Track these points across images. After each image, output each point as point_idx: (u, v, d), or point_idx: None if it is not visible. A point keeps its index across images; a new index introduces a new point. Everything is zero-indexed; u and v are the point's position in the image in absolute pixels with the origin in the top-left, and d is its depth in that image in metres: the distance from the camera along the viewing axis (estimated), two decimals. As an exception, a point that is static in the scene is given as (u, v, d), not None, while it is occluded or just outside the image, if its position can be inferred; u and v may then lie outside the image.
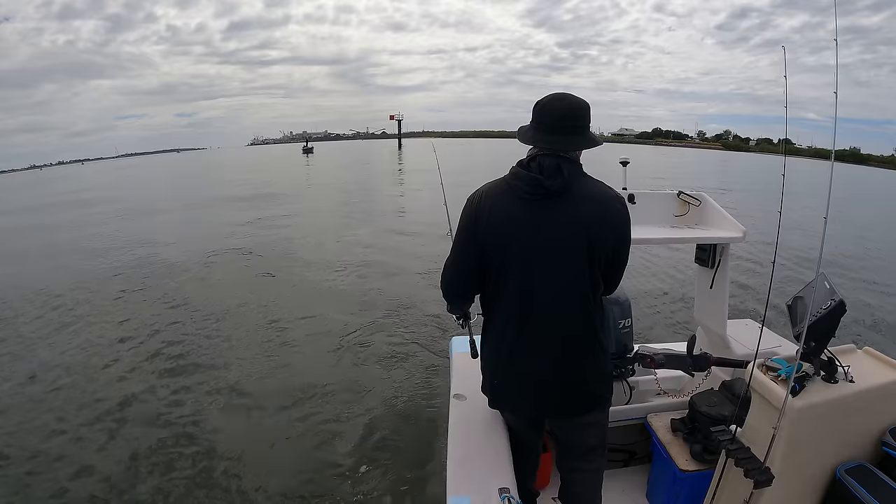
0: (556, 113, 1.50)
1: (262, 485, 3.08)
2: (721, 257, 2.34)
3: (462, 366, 2.33)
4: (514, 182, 1.51)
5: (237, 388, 4.31)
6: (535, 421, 1.83)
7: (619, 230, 1.52)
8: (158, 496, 3.01)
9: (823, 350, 1.52)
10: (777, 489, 1.43)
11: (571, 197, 1.47)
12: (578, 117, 1.51)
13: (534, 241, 1.49)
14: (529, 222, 1.48)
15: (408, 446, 3.43)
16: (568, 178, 1.46)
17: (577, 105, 1.51)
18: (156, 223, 13.58)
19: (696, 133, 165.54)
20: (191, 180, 32.29)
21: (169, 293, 7.00)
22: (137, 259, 9.21)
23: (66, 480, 3.14)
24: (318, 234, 11.38)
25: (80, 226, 13.87)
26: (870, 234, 12.46)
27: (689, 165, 42.43)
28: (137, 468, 3.25)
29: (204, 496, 3.01)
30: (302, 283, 7.41)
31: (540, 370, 1.58)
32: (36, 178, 57.09)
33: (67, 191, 28.28)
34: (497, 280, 1.57)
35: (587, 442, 1.78)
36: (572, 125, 1.50)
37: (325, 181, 25.83)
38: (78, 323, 6.02)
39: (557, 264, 1.50)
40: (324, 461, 3.31)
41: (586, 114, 1.53)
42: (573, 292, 1.51)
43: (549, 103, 1.52)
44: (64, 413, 3.94)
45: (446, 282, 1.70)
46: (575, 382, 1.60)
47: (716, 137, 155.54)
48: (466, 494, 1.53)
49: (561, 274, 1.50)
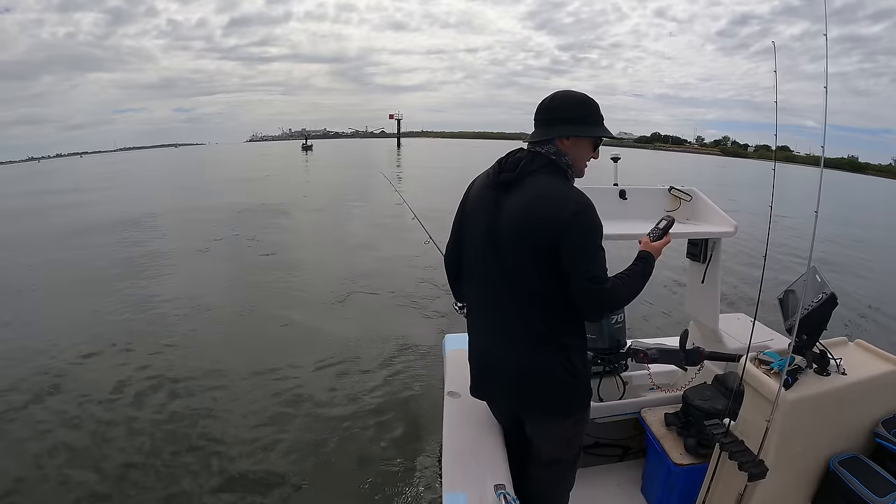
0: (539, 106, 1.53)
1: (256, 483, 3.06)
2: (712, 252, 2.35)
3: (455, 363, 2.33)
4: (489, 170, 1.58)
5: (223, 381, 4.29)
6: (507, 415, 1.79)
7: (552, 231, 1.38)
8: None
9: (815, 343, 1.53)
10: (771, 481, 1.44)
11: (519, 190, 1.47)
12: (552, 108, 1.50)
13: (486, 229, 1.52)
14: (487, 210, 1.52)
15: (402, 444, 3.42)
16: (520, 171, 1.47)
17: (559, 97, 1.50)
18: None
19: (695, 138, 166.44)
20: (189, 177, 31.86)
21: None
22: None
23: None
24: (313, 234, 11.35)
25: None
26: (864, 234, 12.63)
27: (688, 172, 41.69)
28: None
29: (200, 492, 3.00)
30: (287, 283, 7.37)
31: (489, 363, 1.64)
32: (35, 170, 55.65)
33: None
34: (465, 263, 1.66)
35: (544, 451, 1.70)
36: (544, 117, 1.50)
37: (326, 182, 25.37)
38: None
39: (495, 256, 1.51)
40: (318, 459, 3.29)
41: (563, 105, 1.50)
42: (508, 286, 1.50)
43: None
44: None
45: (445, 262, 1.78)
46: (523, 384, 1.56)
47: (714, 143, 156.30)
48: (462, 491, 1.53)
49: (497, 266, 1.51)
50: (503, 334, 1.56)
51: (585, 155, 1.54)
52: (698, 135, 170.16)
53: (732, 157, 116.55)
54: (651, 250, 1.60)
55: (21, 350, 5.01)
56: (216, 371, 4.56)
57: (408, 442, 3.45)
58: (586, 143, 1.52)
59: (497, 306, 1.56)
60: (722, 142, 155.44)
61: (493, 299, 1.57)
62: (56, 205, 17.16)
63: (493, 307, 1.58)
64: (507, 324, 1.54)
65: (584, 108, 1.49)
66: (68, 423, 3.68)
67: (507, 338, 1.55)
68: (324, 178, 27.59)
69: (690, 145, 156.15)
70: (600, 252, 1.43)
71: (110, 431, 3.58)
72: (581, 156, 1.53)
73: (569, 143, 1.49)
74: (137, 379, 4.36)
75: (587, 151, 1.54)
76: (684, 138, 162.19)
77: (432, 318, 5.76)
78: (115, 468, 3.18)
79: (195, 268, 8.29)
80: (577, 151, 1.51)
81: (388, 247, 9.29)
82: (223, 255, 9.20)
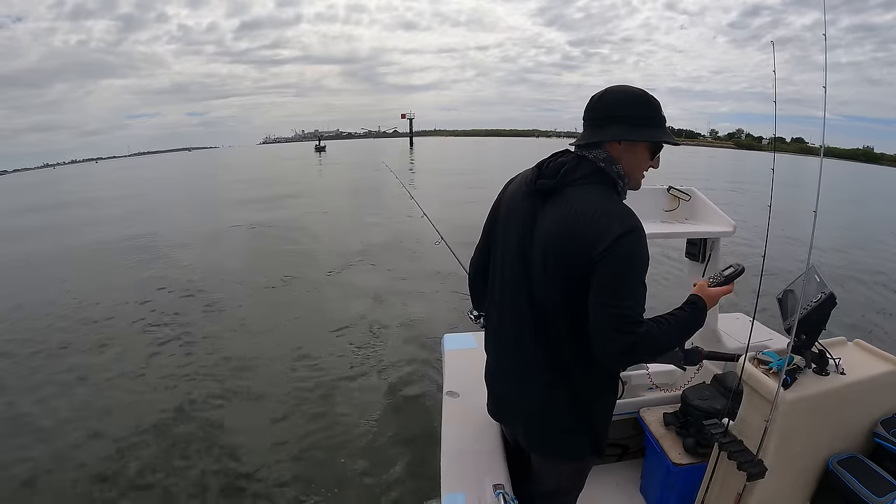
0: (588, 104, 1.31)
1: (255, 483, 3.06)
2: (711, 251, 2.36)
3: (454, 363, 2.33)
4: (527, 172, 1.38)
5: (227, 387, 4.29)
6: (514, 437, 1.68)
7: (589, 253, 1.18)
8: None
9: (814, 343, 1.52)
10: (770, 481, 1.43)
11: (558, 201, 1.27)
12: (602, 107, 1.28)
13: (517, 240, 1.35)
14: (521, 219, 1.35)
15: (401, 444, 3.42)
16: (560, 178, 1.27)
17: (611, 93, 1.28)
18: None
19: (709, 132, 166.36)
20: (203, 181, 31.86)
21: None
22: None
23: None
24: (320, 230, 11.42)
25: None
26: (872, 228, 12.66)
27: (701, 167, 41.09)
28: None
29: (201, 489, 3.01)
30: (292, 282, 7.39)
31: (499, 386, 1.53)
32: (50, 178, 55.69)
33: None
34: (490, 272, 1.50)
35: (545, 483, 1.57)
36: (592, 117, 1.29)
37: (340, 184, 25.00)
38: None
39: (521, 271, 1.34)
40: (317, 459, 3.29)
41: (616, 102, 1.27)
42: (530, 307, 1.33)
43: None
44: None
45: (469, 267, 1.65)
46: (528, 416, 1.43)
47: (728, 136, 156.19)
48: (461, 491, 1.53)
49: (521, 283, 1.35)
50: (516, 358, 1.41)
51: (642, 163, 1.31)
52: (712, 128, 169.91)
53: (747, 149, 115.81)
54: (705, 297, 1.33)
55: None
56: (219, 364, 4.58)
57: (406, 442, 3.45)
58: (643, 149, 1.29)
59: (514, 325, 1.39)
60: (736, 135, 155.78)
61: (511, 318, 1.40)
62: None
63: (510, 326, 1.41)
64: (521, 348, 1.39)
65: (641, 107, 1.27)
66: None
67: (519, 363, 1.40)
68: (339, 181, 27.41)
69: (704, 139, 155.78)
70: (641, 288, 1.20)
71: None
72: (637, 164, 1.31)
73: (621, 147, 1.27)
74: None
75: (644, 159, 1.31)
76: (698, 132, 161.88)
77: (433, 318, 5.76)
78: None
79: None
80: (631, 158, 1.29)
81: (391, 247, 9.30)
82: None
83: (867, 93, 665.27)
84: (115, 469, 3.22)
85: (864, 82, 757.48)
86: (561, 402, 1.35)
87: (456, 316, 5.37)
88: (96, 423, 3.76)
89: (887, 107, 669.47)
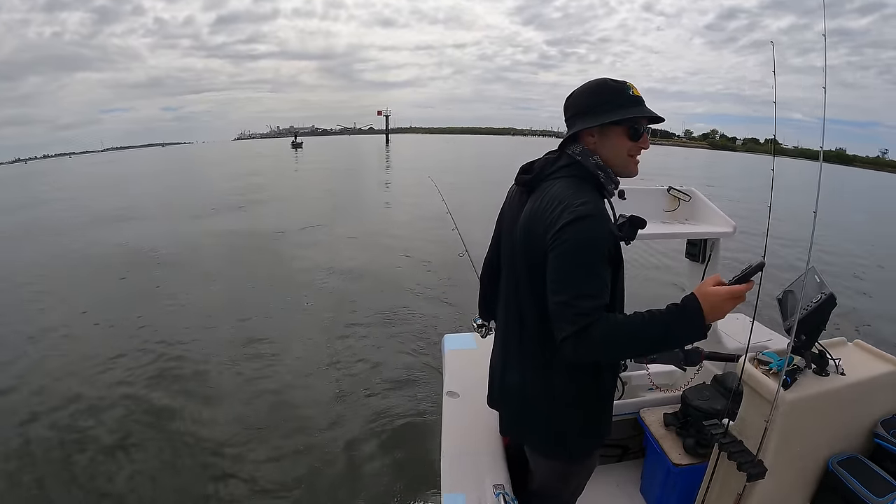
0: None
1: (254, 485, 3.06)
2: (711, 252, 2.36)
3: (455, 363, 2.33)
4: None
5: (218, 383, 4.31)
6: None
7: (543, 243, 1.19)
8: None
9: (814, 343, 1.52)
10: (770, 482, 1.43)
11: (534, 196, 1.32)
12: (567, 106, 1.33)
13: (508, 236, 1.42)
14: (513, 214, 1.41)
15: (401, 445, 3.42)
16: (537, 173, 1.33)
17: (573, 92, 1.33)
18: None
19: (684, 132, 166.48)
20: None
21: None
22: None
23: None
24: (306, 224, 11.40)
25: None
26: (858, 232, 12.63)
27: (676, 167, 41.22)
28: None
29: (201, 491, 3.01)
30: (286, 280, 7.38)
31: (494, 380, 1.55)
32: (19, 172, 53.50)
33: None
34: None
35: (536, 480, 1.58)
36: (565, 118, 1.34)
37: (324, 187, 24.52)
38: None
39: (511, 267, 1.40)
40: (317, 459, 3.29)
41: (575, 99, 1.32)
42: (514, 301, 1.38)
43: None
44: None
45: (482, 268, 1.68)
46: (515, 410, 1.47)
47: (703, 136, 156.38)
48: (461, 491, 1.53)
49: (512, 279, 1.40)
50: (505, 353, 1.47)
51: (621, 148, 1.29)
52: (687, 128, 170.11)
53: (721, 150, 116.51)
54: (704, 296, 1.14)
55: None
56: (204, 371, 4.57)
57: (406, 442, 3.44)
58: (617, 133, 1.27)
59: (506, 323, 1.46)
60: (710, 135, 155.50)
61: (504, 315, 1.46)
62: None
63: (503, 323, 1.49)
64: (509, 344, 1.45)
65: (596, 95, 1.27)
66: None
67: (507, 358, 1.46)
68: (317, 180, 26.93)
69: (679, 139, 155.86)
70: (593, 278, 1.13)
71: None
72: (615, 151, 1.29)
73: (594, 139, 1.28)
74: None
75: (621, 143, 1.28)
76: (673, 132, 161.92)
77: (433, 318, 5.76)
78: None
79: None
80: (607, 145, 1.28)
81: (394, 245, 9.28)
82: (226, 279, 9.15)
83: (841, 96, 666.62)
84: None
85: (839, 85, 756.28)
86: (541, 399, 1.37)
87: (457, 316, 5.38)
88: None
89: (861, 110, 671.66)
